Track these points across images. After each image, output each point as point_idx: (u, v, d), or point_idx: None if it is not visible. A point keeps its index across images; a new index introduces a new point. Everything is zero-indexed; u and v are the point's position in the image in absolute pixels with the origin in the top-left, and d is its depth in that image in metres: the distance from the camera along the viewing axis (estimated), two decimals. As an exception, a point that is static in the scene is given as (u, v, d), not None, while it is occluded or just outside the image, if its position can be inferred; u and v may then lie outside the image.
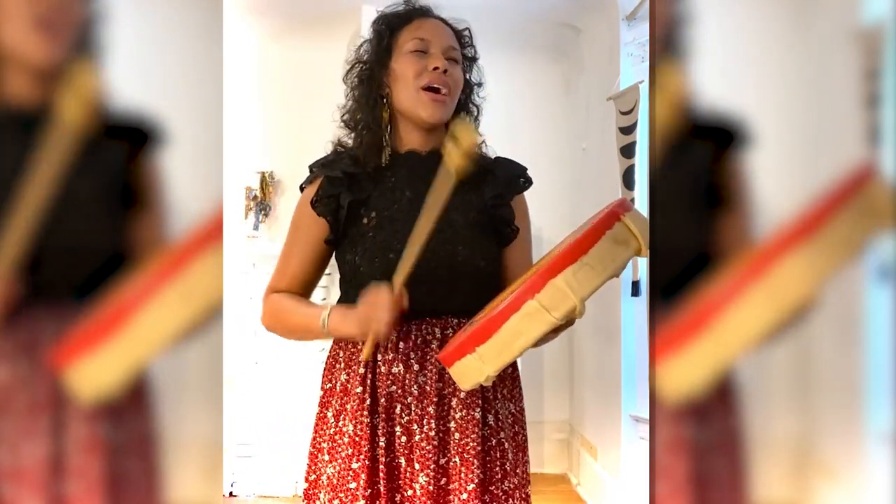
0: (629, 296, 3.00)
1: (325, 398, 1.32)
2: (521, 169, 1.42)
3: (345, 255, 1.30)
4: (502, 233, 1.36)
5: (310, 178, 1.34)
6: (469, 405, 1.24)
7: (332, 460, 1.26)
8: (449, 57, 1.30)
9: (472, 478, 1.21)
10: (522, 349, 0.97)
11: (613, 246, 0.94)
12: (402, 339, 1.25)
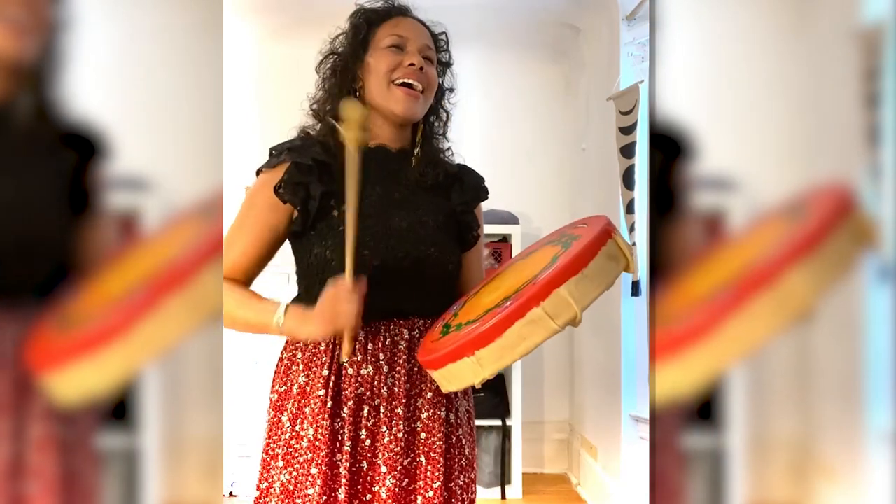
0: (629, 296, 3.00)
1: (279, 401, 1.28)
2: (482, 179, 1.43)
3: (311, 248, 1.25)
4: (464, 238, 1.37)
5: (272, 162, 1.29)
6: (435, 405, 1.24)
7: (288, 466, 1.23)
8: (425, 56, 1.30)
9: (437, 476, 1.21)
10: (523, 354, 1.00)
11: (608, 261, 1.01)
12: (370, 341, 1.23)
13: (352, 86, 1.31)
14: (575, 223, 1.22)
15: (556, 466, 3.98)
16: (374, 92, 1.29)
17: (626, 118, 2.94)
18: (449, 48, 1.41)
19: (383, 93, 1.28)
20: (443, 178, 1.34)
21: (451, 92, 1.41)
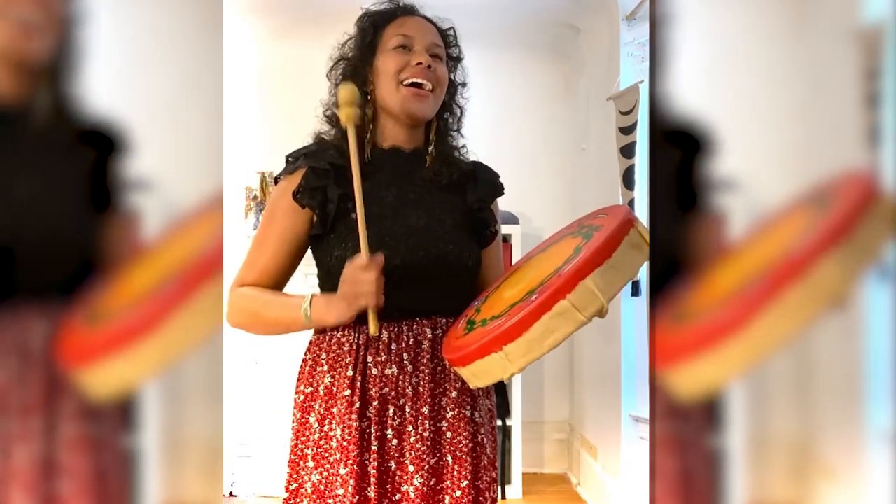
0: (629, 296, 3.00)
1: (306, 402, 1.28)
2: (497, 175, 1.43)
3: (331, 250, 1.27)
4: (482, 235, 1.37)
5: (290, 169, 1.31)
6: (460, 404, 1.24)
7: (319, 467, 1.24)
8: (433, 54, 1.30)
9: (465, 475, 1.21)
10: (551, 347, 1.01)
11: (631, 251, 1.01)
12: (393, 341, 1.24)
13: (362, 89, 1.31)
14: (594, 213, 1.20)
15: (556, 466, 3.98)
16: (384, 94, 1.30)
17: (626, 118, 2.94)
18: (458, 42, 1.41)
19: (393, 94, 1.29)
20: (457, 176, 1.34)
21: (464, 87, 1.41)
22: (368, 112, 1.31)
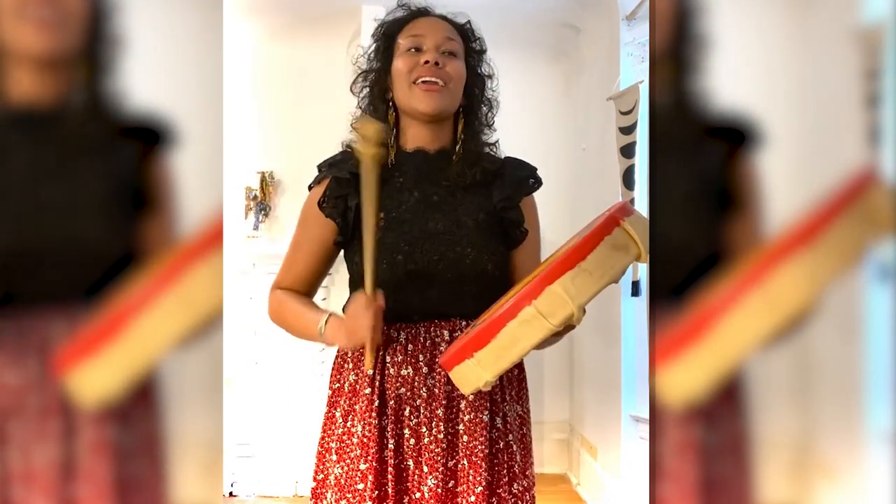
0: (629, 296, 3.00)
1: (334, 398, 1.32)
2: (531, 169, 1.39)
3: (353, 257, 1.29)
4: (511, 235, 1.34)
5: (318, 179, 1.34)
6: (477, 408, 1.24)
7: (340, 460, 1.26)
8: (444, 51, 1.30)
9: (479, 480, 1.21)
10: (520, 355, 0.97)
11: (612, 252, 0.93)
12: (410, 342, 1.25)
13: (383, 96, 1.33)
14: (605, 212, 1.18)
15: (556, 466, 3.98)
16: (399, 95, 1.31)
17: (626, 118, 2.94)
18: (478, 36, 1.40)
19: (406, 94, 1.29)
20: (481, 176, 1.32)
21: (490, 79, 1.40)
22: (391, 117, 1.33)
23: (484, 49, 1.41)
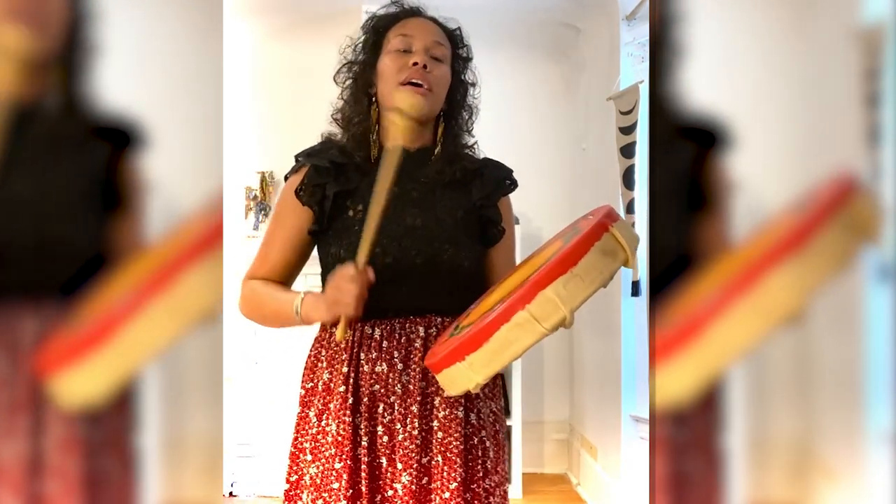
0: (629, 296, 3.00)
1: (307, 397, 1.31)
2: (508, 171, 1.42)
3: (329, 248, 1.29)
4: (488, 233, 1.36)
5: (295, 167, 1.34)
6: (452, 404, 1.24)
7: (315, 460, 1.26)
8: (432, 55, 1.31)
9: (454, 476, 1.21)
10: (512, 358, 0.98)
11: (602, 257, 0.95)
12: (385, 338, 1.25)
13: (367, 91, 1.34)
14: (586, 214, 1.19)
15: (556, 466, 3.98)
16: (384, 93, 1.32)
17: (626, 118, 2.94)
18: (466, 43, 1.41)
19: (391, 93, 1.30)
20: (461, 174, 1.34)
21: (474, 87, 1.42)
22: (374, 113, 1.33)
23: (470, 57, 1.42)
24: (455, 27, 1.40)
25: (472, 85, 1.42)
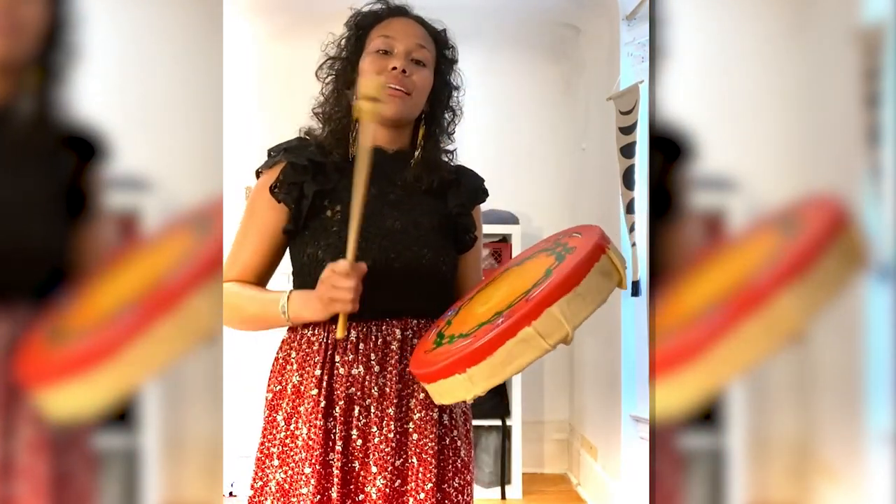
0: (629, 296, 3.00)
1: (275, 401, 1.28)
2: (481, 180, 1.43)
3: (304, 248, 1.27)
4: (461, 240, 1.37)
5: (269, 163, 1.31)
6: (428, 406, 1.24)
7: (283, 465, 1.24)
8: (413, 58, 1.30)
9: (429, 477, 1.21)
10: (514, 373, 1.01)
11: (601, 278, 1.02)
12: (361, 341, 1.24)
13: (346, 88, 1.33)
14: (569, 231, 1.21)
15: (556, 466, 3.98)
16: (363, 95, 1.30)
17: (626, 118, 2.94)
18: (451, 45, 1.39)
19: None
20: (437, 184, 1.34)
21: (458, 90, 1.40)
22: (354, 111, 1.30)
23: (456, 59, 1.40)
24: (441, 28, 1.38)
25: (457, 88, 1.40)
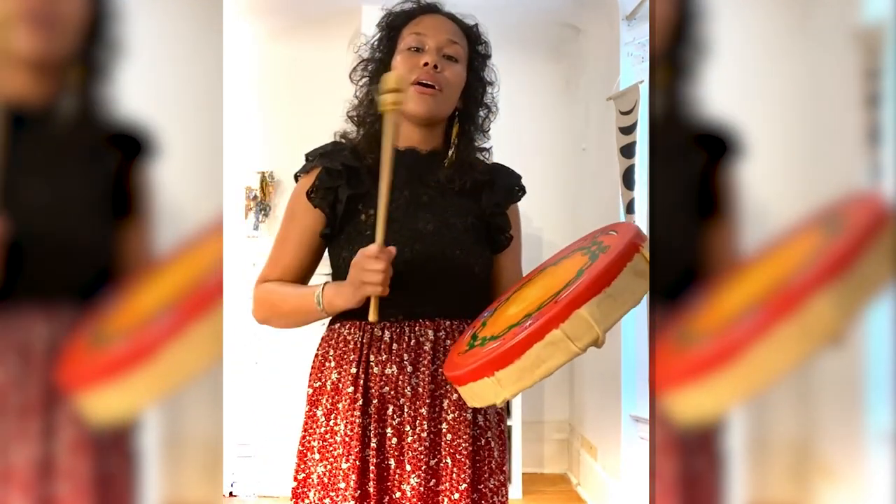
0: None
1: (315, 396, 1.31)
2: (517, 178, 1.42)
3: (340, 251, 1.29)
4: (497, 240, 1.36)
5: (306, 168, 1.33)
6: (461, 406, 1.24)
7: (323, 459, 1.26)
8: (445, 54, 1.30)
9: (463, 478, 1.21)
10: (543, 376, 0.98)
11: (634, 278, 0.96)
12: (395, 341, 1.25)
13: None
14: (606, 228, 1.17)
15: (556, 466, 3.98)
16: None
17: (626, 118, 2.94)
18: (484, 39, 1.39)
19: None
20: (471, 185, 1.33)
21: (492, 86, 1.40)
22: None
23: (489, 54, 1.40)
24: (473, 23, 1.38)
25: (491, 84, 1.40)
